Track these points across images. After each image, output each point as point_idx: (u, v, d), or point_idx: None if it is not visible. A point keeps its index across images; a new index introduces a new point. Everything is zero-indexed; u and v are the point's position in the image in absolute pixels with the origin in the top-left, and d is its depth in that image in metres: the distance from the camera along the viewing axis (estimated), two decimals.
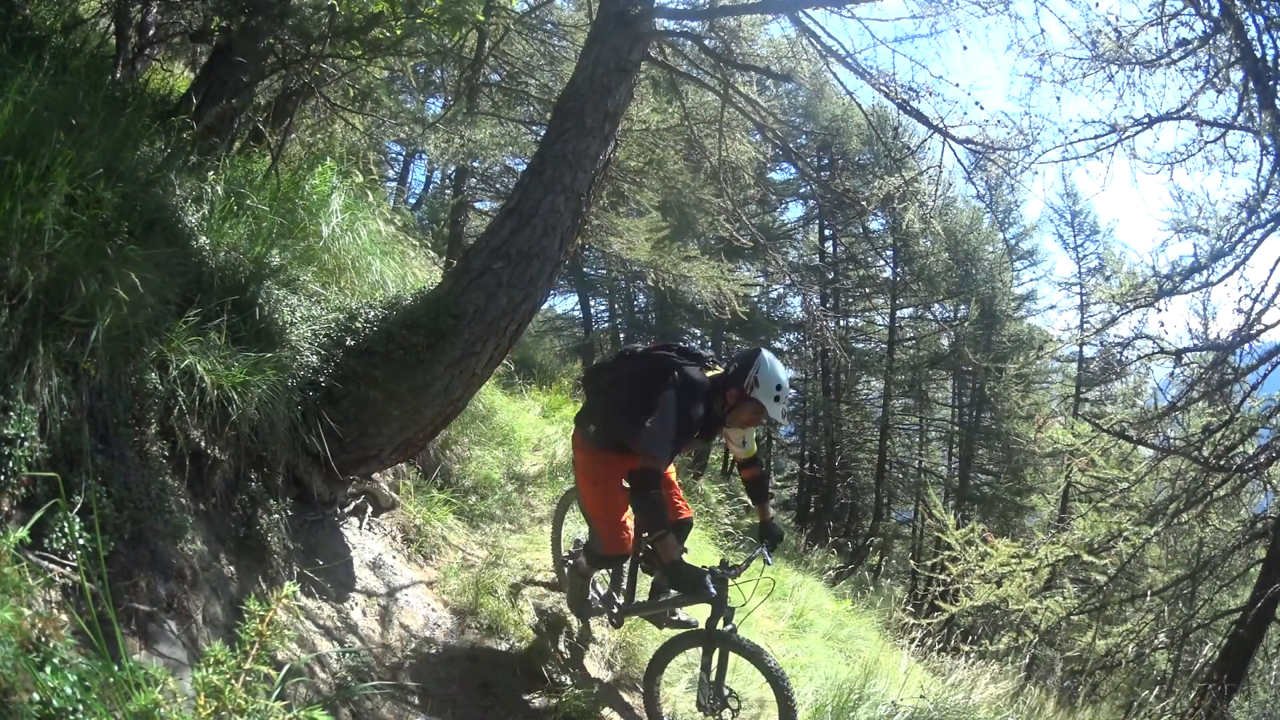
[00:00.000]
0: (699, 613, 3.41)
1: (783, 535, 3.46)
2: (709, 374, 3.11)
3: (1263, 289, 5.39)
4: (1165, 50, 4.91)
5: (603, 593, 3.73)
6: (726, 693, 3.11)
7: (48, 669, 1.47)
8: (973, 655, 5.42)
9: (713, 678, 3.09)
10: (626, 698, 3.71)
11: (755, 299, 16.52)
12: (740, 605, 3.11)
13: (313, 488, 3.50)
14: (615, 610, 3.62)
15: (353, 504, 3.94)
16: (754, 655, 3.03)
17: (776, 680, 2.97)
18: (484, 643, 3.65)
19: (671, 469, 3.35)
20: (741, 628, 3.48)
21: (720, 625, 3.02)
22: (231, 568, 2.82)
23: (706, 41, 5.11)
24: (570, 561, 3.69)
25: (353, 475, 3.69)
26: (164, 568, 2.38)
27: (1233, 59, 4.77)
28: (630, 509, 3.17)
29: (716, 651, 3.08)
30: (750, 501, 3.43)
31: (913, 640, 5.47)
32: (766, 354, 3.07)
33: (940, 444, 20.14)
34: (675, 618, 3.57)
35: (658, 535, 2.91)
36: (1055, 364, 17.98)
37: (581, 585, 3.61)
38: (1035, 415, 15.46)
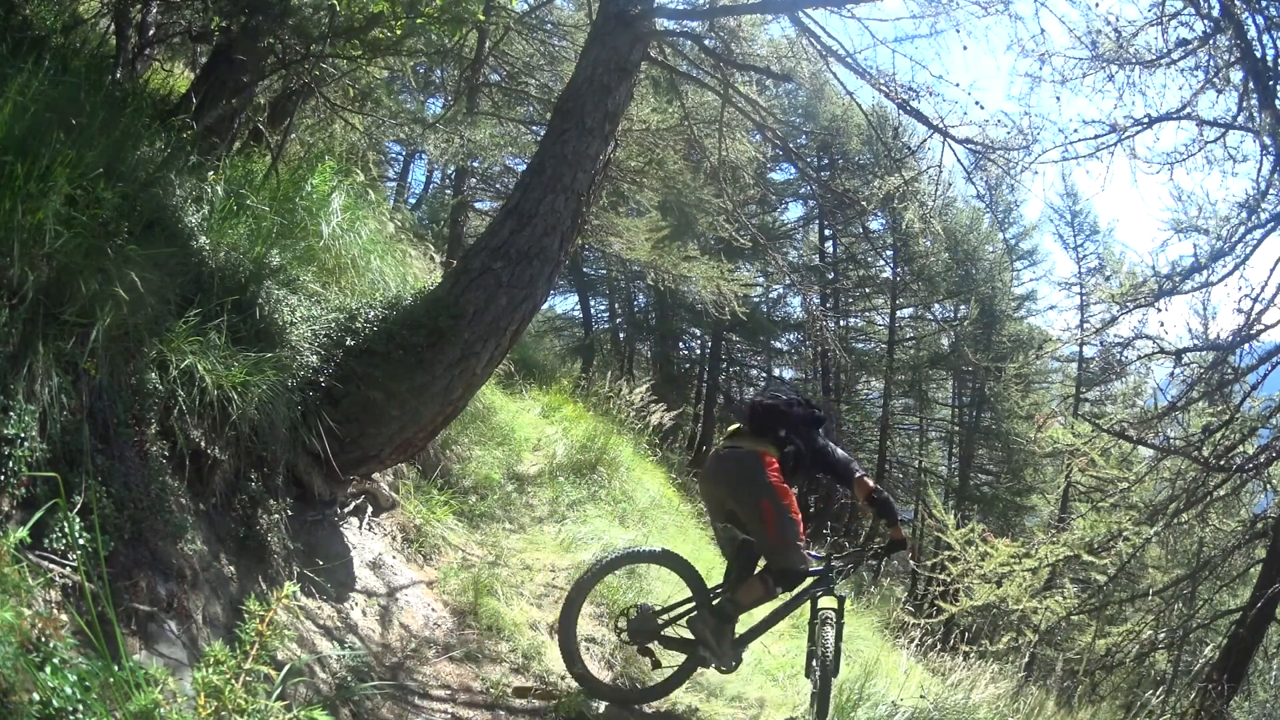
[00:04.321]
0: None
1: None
2: None
3: (1263, 289, 5.39)
4: (1165, 50, 4.90)
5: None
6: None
7: (48, 669, 1.47)
8: (973, 655, 5.42)
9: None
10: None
11: (755, 299, 16.53)
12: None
13: (313, 488, 3.50)
14: (738, 645, 3.45)
15: (353, 504, 3.94)
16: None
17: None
18: (484, 642, 3.65)
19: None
20: (741, 628, 3.48)
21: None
22: (231, 568, 2.82)
23: (706, 41, 5.12)
24: (709, 609, 3.38)
25: (353, 475, 3.69)
26: (164, 568, 2.38)
27: (1233, 59, 4.76)
28: None
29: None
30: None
31: (913, 640, 5.47)
32: None
33: (940, 444, 20.16)
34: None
35: (899, 522, 3.52)
36: (1055, 364, 18.00)
37: (729, 629, 3.40)
38: (1035, 415, 15.46)
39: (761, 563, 3.46)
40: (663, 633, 3.46)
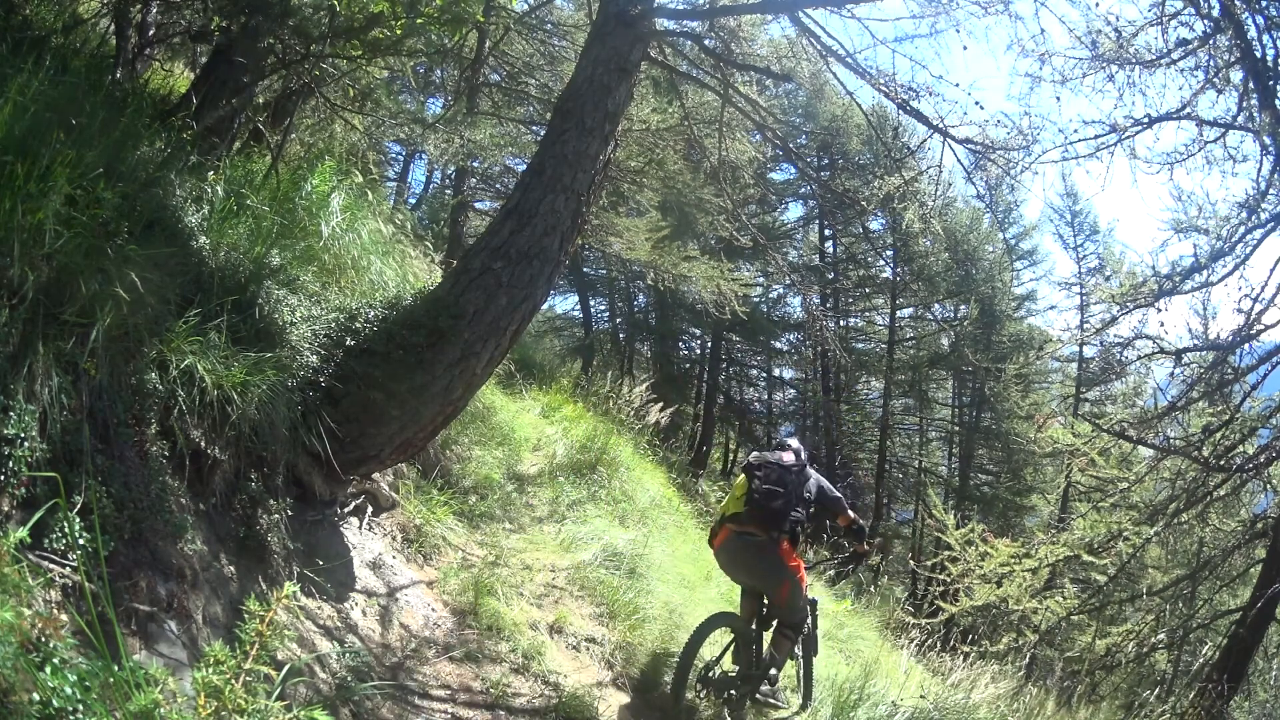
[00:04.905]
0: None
1: None
2: None
3: (1263, 289, 5.39)
4: (1165, 50, 4.90)
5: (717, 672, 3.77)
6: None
7: (48, 669, 1.47)
8: (973, 655, 5.42)
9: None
10: (625, 697, 3.71)
11: (755, 299, 16.50)
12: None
13: (313, 488, 3.50)
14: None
15: (353, 504, 3.94)
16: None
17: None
18: (484, 642, 3.65)
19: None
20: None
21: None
22: (231, 568, 2.82)
23: (706, 41, 5.12)
24: (758, 681, 3.81)
25: (353, 475, 3.69)
26: (164, 568, 2.38)
27: (1233, 59, 4.76)
28: None
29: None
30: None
31: (913, 640, 5.47)
32: None
33: (940, 444, 20.13)
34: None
35: (865, 541, 4.26)
36: (1055, 364, 17.96)
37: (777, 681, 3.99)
38: (1035, 415, 15.45)
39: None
40: (728, 676, 3.75)
